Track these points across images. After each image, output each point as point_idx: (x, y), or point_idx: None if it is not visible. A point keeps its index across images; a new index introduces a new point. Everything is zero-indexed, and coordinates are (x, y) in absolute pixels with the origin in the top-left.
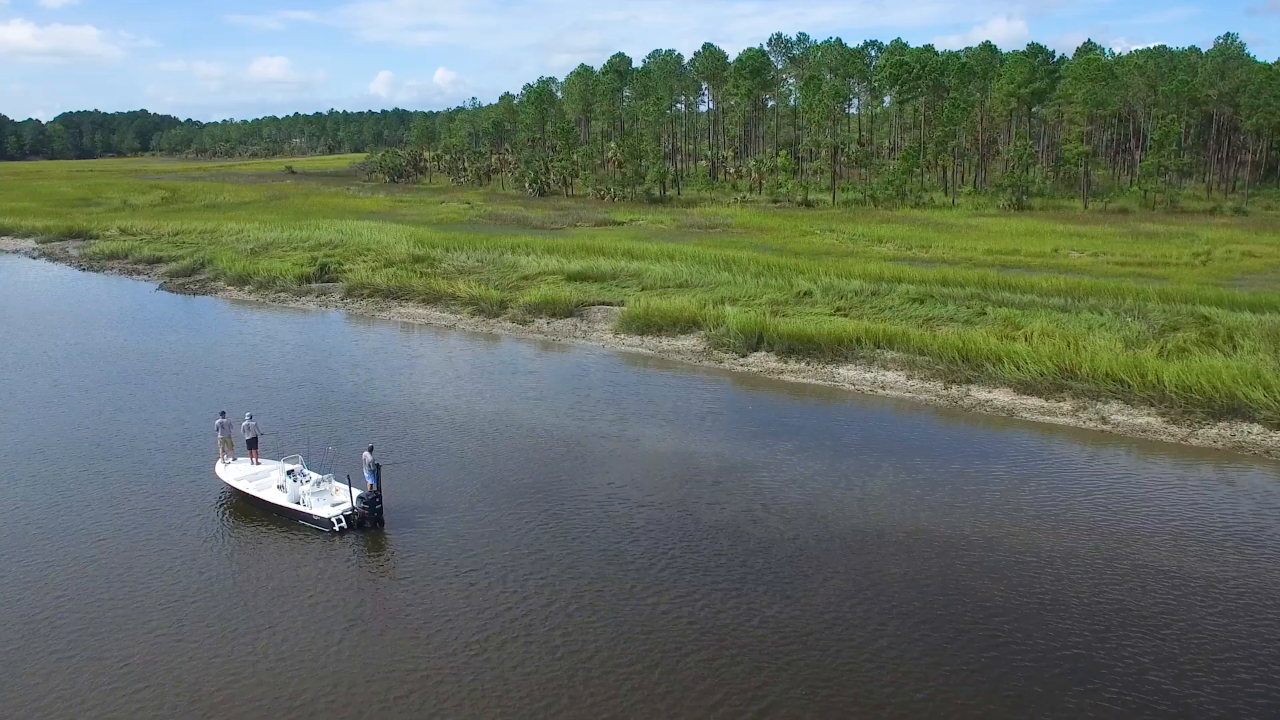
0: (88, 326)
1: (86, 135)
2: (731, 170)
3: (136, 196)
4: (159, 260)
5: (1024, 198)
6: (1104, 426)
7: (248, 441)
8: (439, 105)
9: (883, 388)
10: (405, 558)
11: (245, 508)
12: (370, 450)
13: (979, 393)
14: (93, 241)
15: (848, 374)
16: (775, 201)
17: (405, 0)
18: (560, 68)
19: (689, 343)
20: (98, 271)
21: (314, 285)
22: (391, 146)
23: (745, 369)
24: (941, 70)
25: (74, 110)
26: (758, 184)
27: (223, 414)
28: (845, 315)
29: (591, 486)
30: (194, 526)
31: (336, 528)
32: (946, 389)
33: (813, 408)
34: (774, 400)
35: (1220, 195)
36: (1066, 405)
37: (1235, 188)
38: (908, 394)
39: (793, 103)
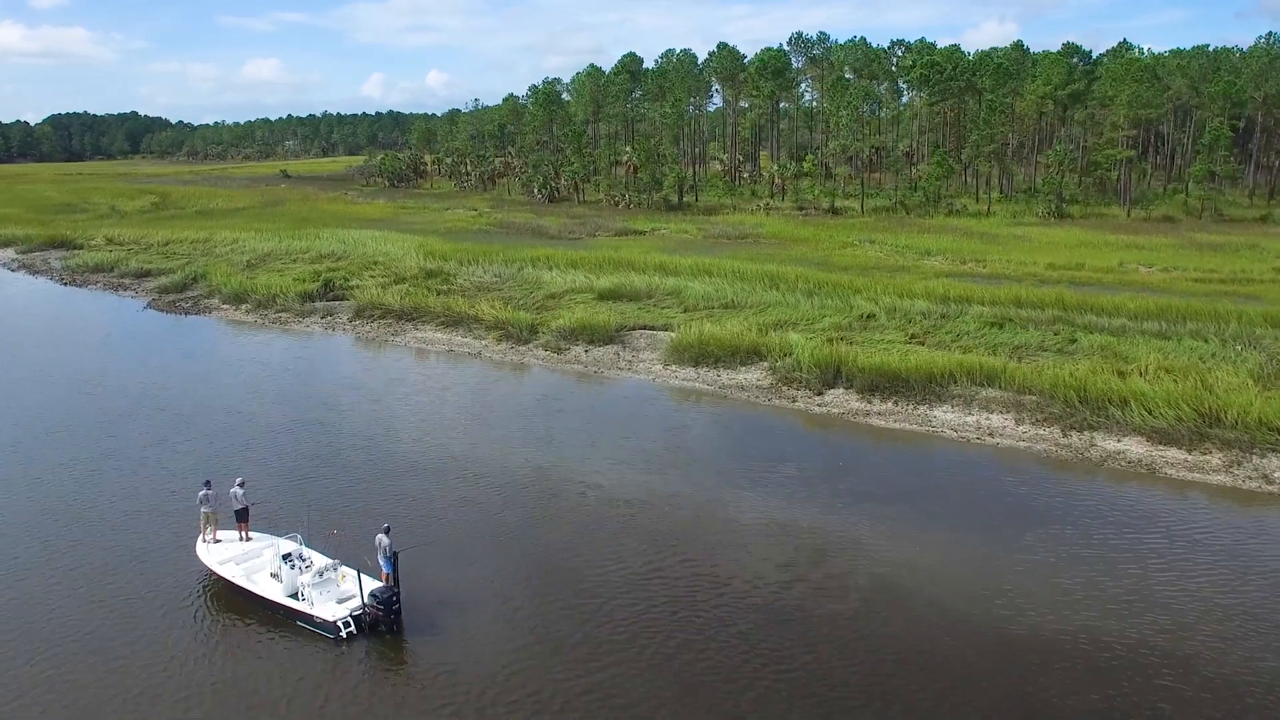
0: (66, 352)
1: (75, 137)
2: (746, 175)
3: (125, 202)
4: (147, 274)
5: (1062, 205)
6: (1268, 486)
7: (236, 512)
8: (432, 107)
9: (990, 434)
10: (436, 681)
11: (234, 597)
12: (386, 532)
13: (1106, 442)
14: (77, 252)
15: (945, 417)
16: (800, 209)
17: (398, 2)
18: (554, 69)
19: (752, 376)
20: (81, 286)
21: (318, 304)
22: (386, 149)
23: (823, 409)
24: (974, 71)
25: (63, 112)
26: (780, 190)
27: (207, 484)
28: (921, 343)
29: (668, 566)
30: (174, 628)
31: (343, 633)
32: (1066, 437)
33: (914, 461)
34: (865, 450)
35: (1262, 202)
36: (1215, 459)
37: (1274, 194)
38: (1021, 443)
39: (807, 103)
